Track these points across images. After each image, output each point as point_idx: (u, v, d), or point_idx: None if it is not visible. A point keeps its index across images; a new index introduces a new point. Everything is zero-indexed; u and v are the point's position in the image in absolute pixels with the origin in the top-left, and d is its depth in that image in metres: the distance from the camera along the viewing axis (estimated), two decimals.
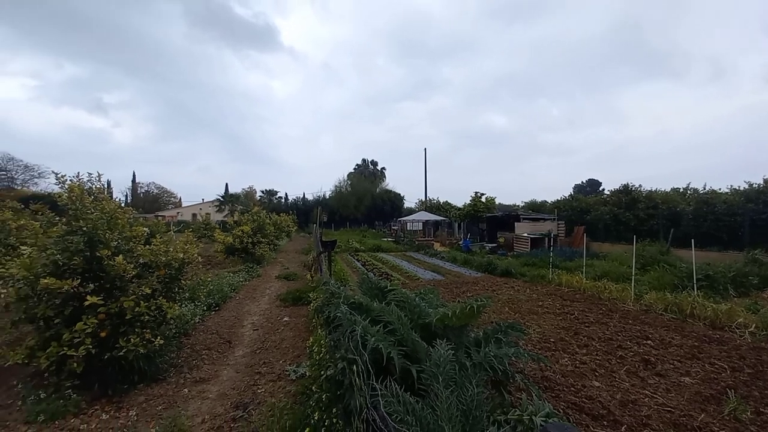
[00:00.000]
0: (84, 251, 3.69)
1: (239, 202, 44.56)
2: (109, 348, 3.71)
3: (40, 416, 3.32)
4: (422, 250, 21.14)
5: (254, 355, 5.25)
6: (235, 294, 9.02)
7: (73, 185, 3.96)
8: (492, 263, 13.14)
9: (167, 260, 4.40)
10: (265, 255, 15.26)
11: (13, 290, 3.47)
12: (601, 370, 4.58)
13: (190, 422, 3.43)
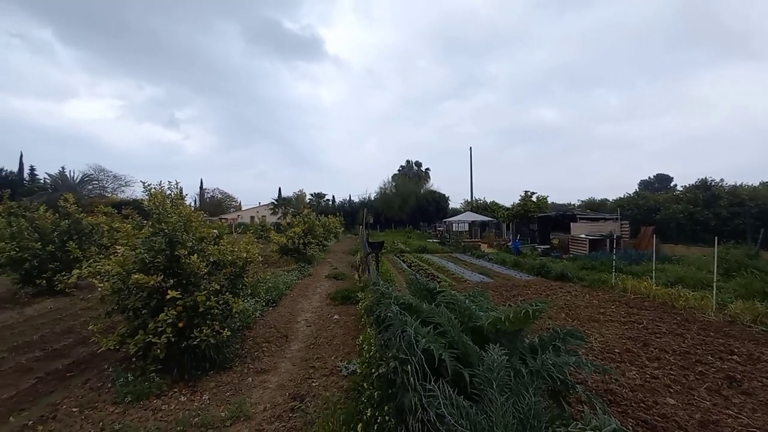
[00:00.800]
0: (165, 250, 4.16)
1: (291, 205, 46.96)
2: (186, 337, 4.13)
3: (128, 397, 3.78)
4: (469, 252, 20.62)
5: (308, 350, 5.51)
6: (290, 292, 9.51)
7: (156, 192, 4.49)
8: (545, 266, 12.43)
9: (233, 259, 4.79)
10: (315, 255, 15.89)
11: (108, 284, 4.01)
12: (677, 386, 4.13)
13: (253, 409, 3.70)
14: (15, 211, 8.51)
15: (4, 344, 5.32)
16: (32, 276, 8.06)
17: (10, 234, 7.95)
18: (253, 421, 3.50)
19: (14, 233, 7.95)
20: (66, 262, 8.31)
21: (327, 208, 49.96)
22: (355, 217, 47.51)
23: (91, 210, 9.80)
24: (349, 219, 43.59)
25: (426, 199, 47.09)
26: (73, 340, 5.49)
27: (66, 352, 5.01)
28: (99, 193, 35.64)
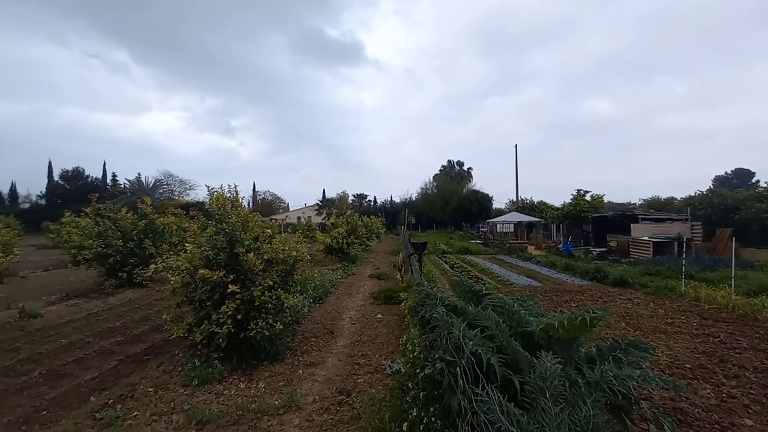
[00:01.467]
0: (226, 248, 4.52)
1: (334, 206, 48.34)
2: (243, 329, 4.45)
3: (195, 381, 4.15)
4: (514, 254, 19.77)
5: (353, 347, 5.65)
6: (335, 290, 9.81)
7: (218, 195, 4.89)
8: (601, 270, 11.54)
9: (284, 257, 5.05)
10: (358, 255, 16.21)
11: (179, 278, 4.44)
12: (757, 406, 3.65)
13: (304, 400, 3.87)
14: (101, 213, 9.73)
15: (91, 330, 6.09)
16: (115, 269, 9.14)
17: (97, 232, 9.10)
18: (303, 412, 3.67)
19: (100, 232, 9.08)
20: (143, 258, 9.32)
21: (369, 209, 50.71)
22: (396, 217, 47.69)
23: (162, 211, 10.88)
24: (390, 219, 43.86)
25: (468, 199, 45.95)
26: (149, 327, 6.15)
27: (143, 338, 5.62)
28: (168, 196, 39.51)
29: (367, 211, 41.01)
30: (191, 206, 18.44)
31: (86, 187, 39.50)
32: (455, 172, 56.90)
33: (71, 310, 7.34)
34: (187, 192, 44.50)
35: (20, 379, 4.17)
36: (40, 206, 40.88)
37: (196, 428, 3.33)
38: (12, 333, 5.85)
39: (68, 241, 9.77)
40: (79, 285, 9.53)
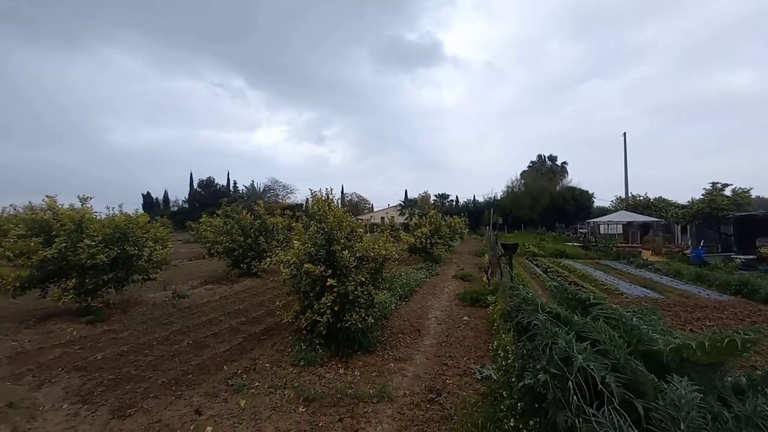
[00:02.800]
0: (325, 246, 4.93)
1: (416, 206, 48.63)
2: (340, 320, 4.79)
3: (301, 362, 4.63)
4: (624, 259, 17.09)
5: (440, 347, 5.59)
6: (419, 289, 9.85)
7: (318, 197, 5.38)
8: (748, 283, 9.19)
9: (374, 255, 5.29)
10: (442, 255, 16.00)
11: (288, 271, 5.02)
12: None
13: (395, 393, 3.99)
14: (228, 214, 11.63)
15: (222, 310, 7.28)
16: (238, 261, 10.81)
17: (225, 230, 10.87)
18: (395, 404, 3.78)
19: (228, 230, 10.83)
20: (258, 252, 10.82)
21: (451, 209, 49.63)
22: (480, 217, 45.63)
23: (271, 212, 12.45)
24: (474, 219, 42.11)
25: (563, 196, 41.34)
26: (264, 311, 7.09)
27: (260, 320, 6.51)
28: (274, 200, 45.19)
29: (449, 211, 40.19)
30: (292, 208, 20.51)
31: (216, 193, 47.85)
32: (546, 168, 51.84)
33: (208, 293, 8.93)
34: (288, 195, 50.30)
35: (173, 347, 5.22)
36: (184, 209, 50.58)
37: (304, 404, 3.71)
38: (167, 309, 7.37)
39: (204, 237, 11.88)
40: (213, 273, 11.53)
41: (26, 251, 6.12)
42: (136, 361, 4.65)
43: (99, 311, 6.54)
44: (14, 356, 4.79)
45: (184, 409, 3.56)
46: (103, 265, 6.33)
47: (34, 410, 3.49)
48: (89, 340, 5.42)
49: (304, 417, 3.50)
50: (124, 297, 7.64)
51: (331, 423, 3.40)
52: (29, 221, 6.55)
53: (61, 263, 6.05)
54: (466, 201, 56.59)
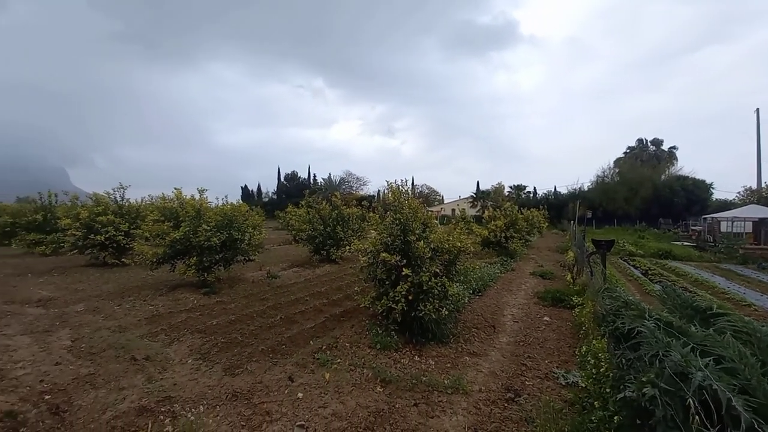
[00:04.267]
0: (400, 236, 5.03)
1: (489, 198, 46.28)
2: (413, 309, 4.86)
3: (378, 345, 4.83)
4: (753, 264, 13.92)
5: (518, 346, 5.30)
6: (493, 284, 9.43)
7: (394, 188, 5.49)
8: None
9: (449, 247, 5.21)
10: (517, 250, 15.03)
11: (365, 259, 5.25)
12: None
13: (470, 387, 3.92)
14: (311, 205, 12.62)
15: (307, 291, 7.96)
16: (319, 248, 11.70)
17: (308, 219, 11.83)
18: (470, 398, 3.71)
19: (310, 219, 11.77)
20: (336, 240, 11.56)
21: (528, 201, 45.99)
22: (562, 211, 41.43)
23: (347, 203, 13.12)
24: (554, 213, 38.38)
25: (670, 187, 35.14)
26: (343, 295, 7.57)
27: (339, 303, 6.96)
28: (348, 191, 47.52)
29: (526, 204, 37.24)
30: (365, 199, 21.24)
31: (299, 186, 52.34)
32: (649, 154, 44.57)
33: (295, 275, 9.86)
34: (361, 187, 52.35)
35: (269, 320, 5.89)
36: (273, 200, 56.26)
37: (381, 384, 3.89)
38: (263, 287, 8.33)
39: (291, 226, 13.09)
40: (298, 258, 12.68)
41: (160, 233, 7.52)
42: (241, 329, 5.39)
43: (212, 285, 7.73)
44: (151, 318, 5.94)
45: (280, 374, 4.03)
46: (215, 246, 7.44)
47: (166, 363, 4.29)
48: (206, 309, 6.45)
49: (381, 396, 3.67)
50: (230, 274, 8.87)
51: (407, 406, 3.50)
52: (162, 209, 8.04)
53: (185, 244, 7.29)
54: (546, 192, 51.86)
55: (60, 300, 6.94)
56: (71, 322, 5.62)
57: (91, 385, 3.70)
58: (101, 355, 4.40)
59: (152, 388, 3.66)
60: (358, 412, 3.37)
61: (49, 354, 4.43)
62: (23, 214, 13.78)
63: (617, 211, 37.27)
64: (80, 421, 3.11)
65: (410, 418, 3.32)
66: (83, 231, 10.01)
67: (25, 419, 3.06)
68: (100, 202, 10.70)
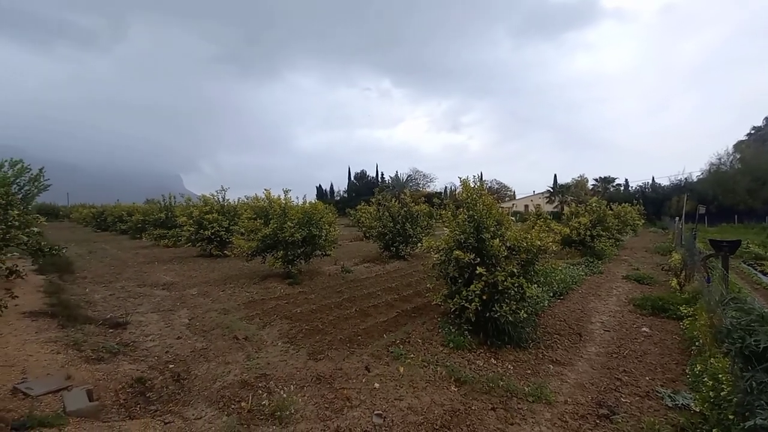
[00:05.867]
0: (474, 233, 4.85)
1: (569, 192, 41.89)
2: (488, 309, 4.65)
3: (450, 344, 4.74)
4: None
5: (610, 358, 4.72)
6: (577, 287, 8.53)
7: (466, 184, 5.31)
8: None
9: (527, 246, 4.85)
10: (606, 250, 13.33)
11: (438, 256, 5.19)
12: None
13: (553, 397, 3.61)
14: (380, 202, 12.96)
15: (379, 286, 8.19)
16: (389, 245, 11.95)
17: (378, 217, 12.15)
18: (554, 409, 3.42)
19: (380, 216, 12.08)
20: (405, 237, 11.68)
21: (617, 195, 40.39)
22: (662, 205, 35.54)
23: (415, 201, 13.14)
24: (652, 208, 33.03)
25: None
26: (413, 291, 7.62)
27: (410, 299, 7.03)
28: (416, 188, 47.55)
29: (615, 198, 32.72)
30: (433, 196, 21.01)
31: (368, 184, 54.22)
32: None
33: (366, 270, 10.25)
34: (428, 184, 51.89)
35: (345, 311, 6.21)
36: (344, 198, 59.11)
37: (455, 384, 3.81)
38: (338, 280, 8.82)
39: (361, 222, 13.59)
40: (368, 254, 13.13)
41: (253, 229, 8.46)
42: (321, 318, 5.79)
43: (295, 276, 8.46)
44: (247, 303, 6.72)
45: (357, 363, 4.22)
46: (298, 241, 8.12)
47: (260, 344, 4.82)
48: (291, 297, 7.08)
49: (456, 396, 3.60)
50: (310, 267, 9.61)
51: (484, 410, 3.37)
52: (254, 208, 9.01)
53: (273, 239, 8.09)
54: (641, 185, 44.99)
55: (179, 284, 8.30)
56: (188, 303, 6.68)
57: (204, 358, 4.35)
58: (211, 333, 5.14)
59: (251, 365, 4.15)
60: (434, 408, 3.36)
61: (172, 329, 5.33)
62: (151, 213, 16.85)
63: (737, 205, 30.58)
64: (196, 388, 3.68)
65: (488, 422, 3.19)
66: (195, 227, 11.82)
67: (152, 385, 3.72)
68: (207, 203, 12.52)
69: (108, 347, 4.44)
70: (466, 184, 5.32)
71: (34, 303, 5.94)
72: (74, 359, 4.05)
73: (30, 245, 3.37)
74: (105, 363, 4.06)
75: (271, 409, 3.22)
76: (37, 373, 3.67)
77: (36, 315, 5.42)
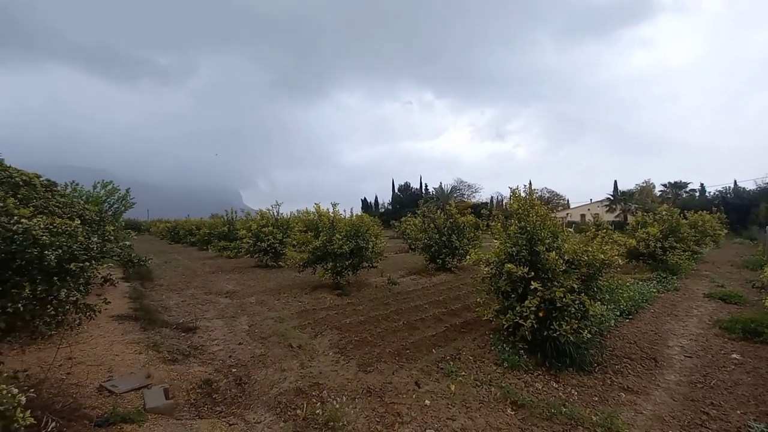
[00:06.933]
0: (526, 246, 4.58)
1: (633, 200, 38.05)
2: (546, 327, 4.32)
3: (505, 363, 4.47)
4: None
5: (693, 388, 4.11)
6: (648, 306, 7.62)
7: (517, 194, 5.08)
8: None
9: (588, 260, 4.47)
10: (682, 264, 11.78)
11: (488, 269, 4.98)
12: None
13: (627, 429, 3.22)
14: (425, 214, 12.87)
15: (426, 299, 8.04)
16: (435, 257, 11.75)
17: (423, 229, 12.05)
18: None
19: (425, 228, 11.97)
20: (451, 249, 11.42)
21: (691, 202, 35.80)
22: (747, 213, 30.75)
23: (461, 212, 12.83)
24: (735, 216, 28.68)
25: None
26: (461, 305, 7.37)
27: (458, 313, 6.80)
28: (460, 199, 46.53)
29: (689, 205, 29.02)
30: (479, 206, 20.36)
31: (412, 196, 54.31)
32: None
33: (412, 283, 10.15)
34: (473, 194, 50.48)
35: (392, 324, 6.17)
36: (389, 210, 59.67)
37: (512, 407, 3.57)
38: (385, 292, 8.83)
39: (406, 234, 13.56)
40: (414, 266, 13.01)
41: (304, 242, 8.85)
42: (369, 329, 5.82)
43: (344, 287, 8.65)
44: (300, 312, 6.97)
45: (407, 378, 4.15)
46: (346, 253, 8.32)
47: (313, 353, 4.95)
48: (340, 308, 7.23)
49: (513, 420, 3.36)
50: (357, 279, 9.76)
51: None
52: (305, 221, 9.45)
53: (323, 251, 8.38)
54: (721, 190, 39.45)
55: (239, 293, 8.91)
56: (248, 311, 7.13)
57: (263, 364, 4.57)
58: (269, 340, 5.41)
59: (305, 373, 4.28)
60: None
61: (234, 335, 5.70)
62: (215, 227, 18.42)
63: None
64: (256, 393, 3.87)
65: None
66: (253, 239, 12.68)
67: (217, 387, 3.98)
68: (263, 217, 13.42)
69: (181, 349, 4.87)
70: (516, 194, 5.08)
71: (121, 307, 6.75)
72: (153, 359, 4.50)
73: (122, 257, 3.86)
74: (178, 364, 4.46)
75: (325, 418, 3.27)
76: (122, 371, 4.13)
77: (122, 318, 6.15)
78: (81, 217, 3.62)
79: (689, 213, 15.17)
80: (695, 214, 15.33)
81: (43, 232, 2.69)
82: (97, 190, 9.95)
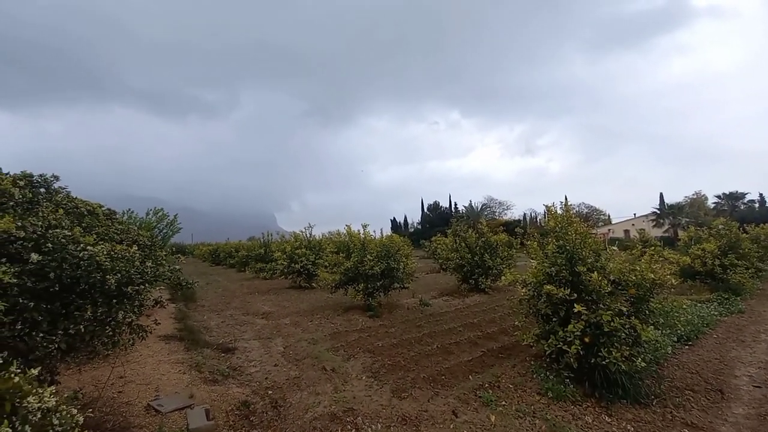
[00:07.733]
0: (566, 265, 4.33)
1: (683, 213, 35.05)
2: (593, 354, 3.99)
3: (549, 393, 4.13)
4: None
5: (763, 422, 3.57)
6: (710, 331, 6.83)
7: (552, 212, 4.87)
8: None
9: (637, 279, 4.13)
10: (745, 283, 10.52)
11: (526, 290, 4.74)
12: None
13: None
14: (456, 233, 12.61)
15: (460, 321, 7.74)
16: (467, 277, 11.39)
17: (454, 248, 11.79)
18: None
19: (456, 247, 11.71)
20: (484, 269, 11.03)
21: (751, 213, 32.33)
22: None
23: (494, 231, 12.46)
24: None
25: None
26: (497, 328, 7.00)
27: (495, 337, 6.46)
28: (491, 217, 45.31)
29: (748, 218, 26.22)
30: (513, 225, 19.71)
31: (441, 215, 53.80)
32: None
33: (445, 304, 9.85)
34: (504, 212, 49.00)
35: (426, 347, 5.97)
36: (418, 229, 59.35)
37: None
38: (417, 314, 8.62)
39: (437, 254, 13.32)
40: (446, 286, 12.67)
41: (336, 263, 8.96)
42: (403, 353, 5.67)
43: (375, 309, 8.56)
44: (332, 335, 6.96)
45: (443, 406, 3.95)
46: (377, 274, 8.30)
47: (346, 376, 4.87)
48: (372, 330, 7.14)
49: None
50: (389, 300, 9.64)
51: None
52: (337, 242, 9.60)
53: (354, 272, 8.42)
54: None
55: (275, 314, 9.09)
56: (283, 332, 7.23)
57: (298, 387, 4.57)
58: (303, 362, 5.43)
59: (338, 397, 4.22)
60: None
61: (270, 356, 5.78)
62: (253, 249, 19.19)
63: None
64: (291, 416, 3.85)
65: None
66: (287, 261, 13.04)
67: (254, 409, 4.00)
68: (297, 239, 13.82)
69: (221, 370, 5.01)
70: (552, 211, 4.87)
71: (168, 328, 7.11)
72: (196, 380, 4.66)
73: (172, 280, 4.11)
74: (218, 385, 4.57)
75: None
76: (167, 391, 4.30)
77: (168, 338, 6.47)
78: (137, 243, 3.94)
79: (749, 226, 13.67)
80: (757, 227, 13.77)
81: (106, 257, 2.95)
82: (149, 216, 10.81)
